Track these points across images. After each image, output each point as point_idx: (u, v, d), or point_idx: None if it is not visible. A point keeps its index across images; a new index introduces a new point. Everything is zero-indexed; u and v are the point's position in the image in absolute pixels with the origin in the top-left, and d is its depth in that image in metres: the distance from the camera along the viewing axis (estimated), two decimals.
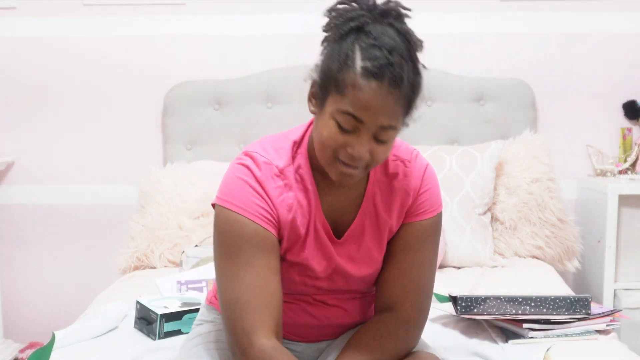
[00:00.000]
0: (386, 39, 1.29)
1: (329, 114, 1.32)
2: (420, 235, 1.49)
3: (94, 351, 1.84)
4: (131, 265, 2.74)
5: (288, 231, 1.44)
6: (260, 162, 1.42)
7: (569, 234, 2.82)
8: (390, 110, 1.29)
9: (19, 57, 3.12)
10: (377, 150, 1.33)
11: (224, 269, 1.40)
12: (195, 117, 3.05)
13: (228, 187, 1.42)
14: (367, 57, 1.27)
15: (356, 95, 1.27)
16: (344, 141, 1.31)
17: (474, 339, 1.87)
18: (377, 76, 1.26)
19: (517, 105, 3.04)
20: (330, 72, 1.31)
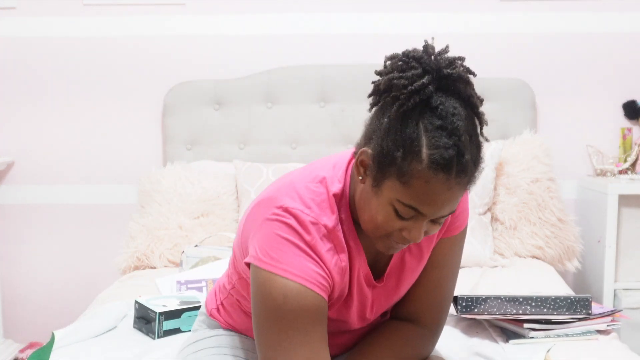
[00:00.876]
0: (455, 120, 1.17)
1: (386, 199, 1.21)
2: (450, 248, 1.44)
3: (94, 351, 1.84)
4: (131, 265, 2.73)
5: (339, 290, 1.34)
6: (306, 222, 1.26)
7: (569, 234, 2.82)
8: (455, 200, 1.20)
9: (19, 57, 3.12)
10: (432, 229, 1.26)
11: (274, 340, 1.25)
12: (195, 117, 3.05)
13: (274, 250, 1.25)
14: (435, 145, 1.15)
15: (422, 188, 1.17)
16: (400, 226, 1.23)
17: (475, 338, 1.87)
18: (446, 168, 1.15)
19: (517, 105, 3.04)
20: (391, 157, 1.18)
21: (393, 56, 1.26)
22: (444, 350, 1.74)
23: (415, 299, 1.44)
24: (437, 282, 1.43)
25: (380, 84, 1.24)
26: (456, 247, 1.45)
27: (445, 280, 1.45)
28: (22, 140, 3.16)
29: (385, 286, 1.41)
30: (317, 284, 1.25)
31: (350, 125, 2.95)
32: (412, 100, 1.18)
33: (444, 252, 1.43)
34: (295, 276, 1.24)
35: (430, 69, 1.20)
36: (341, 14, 3.07)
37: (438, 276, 1.43)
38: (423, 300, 1.44)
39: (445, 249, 1.43)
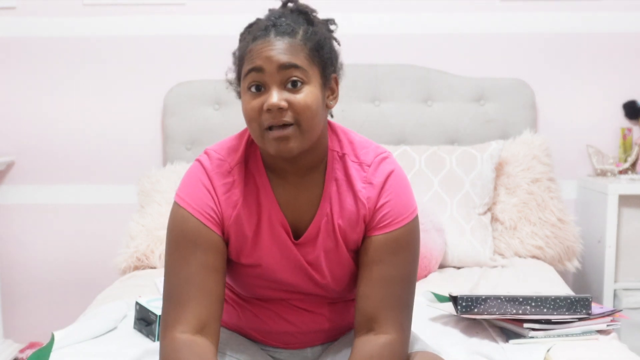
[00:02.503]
0: (273, 13, 1.40)
1: (243, 90, 1.37)
2: (389, 248, 1.41)
3: (94, 352, 1.84)
4: (131, 265, 2.73)
5: (235, 229, 1.42)
6: (213, 158, 1.44)
7: (569, 234, 2.82)
8: (285, 50, 1.33)
9: (19, 57, 3.12)
10: (294, 98, 1.33)
11: (166, 261, 1.42)
12: (195, 117, 3.05)
13: (183, 182, 1.44)
14: (255, 27, 1.38)
15: (251, 54, 1.34)
16: (259, 103, 1.34)
17: (474, 338, 1.87)
18: (263, 34, 1.35)
19: (517, 105, 3.04)
20: (234, 63, 1.41)
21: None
22: (444, 350, 1.74)
23: (367, 299, 1.41)
24: (385, 281, 1.40)
25: None
26: (401, 247, 1.41)
27: (394, 280, 1.40)
28: (22, 140, 3.16)
29: (304, 249, 1.44)
30: (203, 214, 1.39)
31: (350, 126, 2.94)
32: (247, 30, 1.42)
33: (384, 250, 1.41)
34: (185, 203, 1.41)
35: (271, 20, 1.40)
36: (341, 14, 3.04)
37: (384, 274, 1.40)
38: (376, 301, 1.40)
39: (382, 247, 1.41)
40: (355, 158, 1.44)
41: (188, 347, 1.33)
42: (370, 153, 1.44)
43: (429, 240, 2.53)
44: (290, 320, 1.52)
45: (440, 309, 2.01)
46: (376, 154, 1.44)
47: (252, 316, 1.54)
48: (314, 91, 1.34)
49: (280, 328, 1.53)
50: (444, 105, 3.05)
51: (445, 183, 2.74)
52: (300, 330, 1.53)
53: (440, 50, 3.11)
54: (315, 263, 1.45)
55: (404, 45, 3.11)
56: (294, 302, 1.50)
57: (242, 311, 1.56)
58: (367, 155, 1.44)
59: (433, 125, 3.04)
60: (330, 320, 1.54)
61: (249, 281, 1.48)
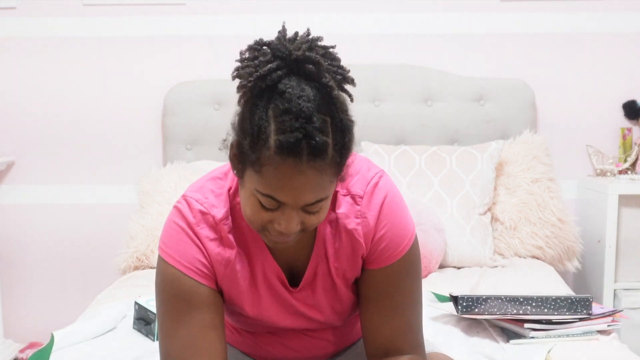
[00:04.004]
0: (302, 101, 1.12)
1: (249, 191, 1.19)
2: (391, 279, 1.33)
3: (93, 352, 1.84)
4: (131, 265, 2.73)
5: (228, 286, 1.33)
6: (196, 210, 1.30)
7: (569, 234, 2.82)
8: (315, 185, 1.14)
9: (19, 57, 3.12)
10: (310, 219, 1.20)
11: (161, 322, 1.32)
12: (195, 117, 3.05)
13: (166, 235, 1.31)
14: (281, 130, 1.11)
15: (273, 175, 1.13)
16: (269, 218, 1.19)
17: (475, 338, 1.87)
18: (294, 152, 1.11)
19: (517, 105, 3.04)
20: (243, 146, 1.17)
21: (248, 46, 1.22)
22: (444, 350, 1.74)
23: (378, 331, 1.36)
24: (393, 309, 1.34)
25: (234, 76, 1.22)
26: (404, 276, 1.34)
27: (402, 306, 1.34)
28: (22, 140, 3.15)
29: (303, 294, 1.37)
30: (194, 270, 1.29)
31: None
32: (258, 86, 1.16)
33: (387, 282, 1.34)
34: (175, 261, 1.29)
35: (280, 53, 1.16)
36: (340, 14, 3.07)
37: (391, 304, 1.34)
38: (387, 330, 1.35)
39: (385, 279, 1.34)
40: (345, 191, 1.32)
41: None
42: (360, 181, 1.32)
43: (429, 240, 2.53)
44: (292, 347, 1.47)
45: (441, 309, 2.01)
46: (367, 181, 1.32)
47: (252, 343, 1.50)
48: (328, 201, 1.21)
49: (282, 355, 1.48)
50: (444, 105, 3.05)
51: (445, 183, 2.74)
52: (302, 356, 1.47)
53: (440, 50, 3.11)
54: (316, 305, 1.39)
55: (404, 45, 3.11)
56: (297, 330, 1.45)
57: (242, 337, 1.52)
58: (357, 185, 1.32)
59: (433, 125, 3.03)
60: (333, 343, 1.50)
61: (248, 323, 1.43)
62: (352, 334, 1.54)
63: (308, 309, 1.39)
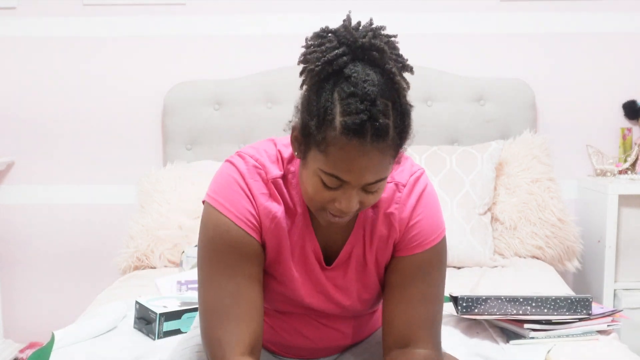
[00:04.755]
0: (368, 85, 1.18)
1: (312, 171, 1.24)
2: (418, 268, 1.38)
3: (94, 351, 1.84)
4: (131, 265, 2.73)
5: (268, 241, 1.36)
6: (249, 164, 1.35)
7: (569, 234, 2.82)
8: (377, 165, 1.20)
9: (19, 57, 3.12)
10: (367, 199, 1.26)
11: (206, 272, 1.34)
12: (195, 117, 3.05)
13: (218, 185, 1.35)
14: (347, 112, 1.17)
15: (338, 155, 1.19)
16: (330, 197, 1.24)
17: (475, 338, 1.87)
18: (359, 133, 1.17)
19: (517, 105, 3.04)
20: (309, 128, 1.22)
21: (314, 33, 1.27)
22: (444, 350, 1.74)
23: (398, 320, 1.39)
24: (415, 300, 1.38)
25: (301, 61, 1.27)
26: (430, 267, 1.38)
27: (424, 299, 1.38)
28: (22, 140, 3.15)
29: (333, 274, 1.41)
30: (245, 222, 1.32)
31: None
32: (325, 71, 1.21)
33: (414, 271, 1.38)
34: (227, 211, 1.32)
35: (346, 40, 1.23)
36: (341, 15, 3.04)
37: (414, 294, 1.37)
38: (406, 321, 1.38)
39: (412, 267, 1.38)
40: (390, 179, 1.37)
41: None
42: (405, 172, 1.39)
43: None
44: (307, 336, 1.48)
45: None
46: (411, 172, 1.39)
47: (268, 328, 1.50)
48: (385, 181, 1.27)
49: (296, 343, 1.50)
50: (444, 105, 3.05)
51: (445, 183, 2.74)
52: (316, 346, 1.50)
53: (440, 50, 3.11)
54: (344, 287, 1.42)
55: (404, 45, 3.09)
56: (314, 316, 1.47)
57: None
58: (402, 175, 1.39)
59: (433, 125, 3.03)
60: (345, 336, 1.51)
61: (276, 296, 1.43)
62: (365, 330, 1.56)
63: (335, 291, 1.42)
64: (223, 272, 1.32)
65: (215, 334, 1.30)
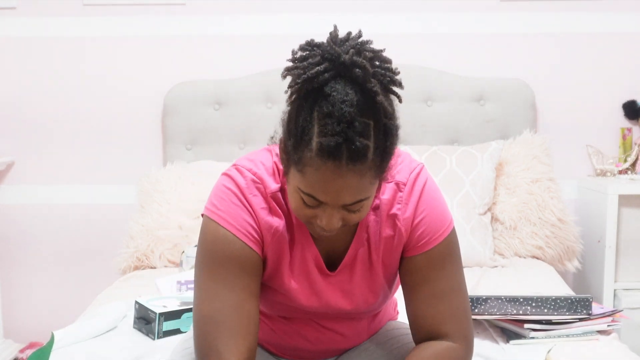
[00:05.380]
0: (345, 106, 1.15)
1: (293, 187, 1.24)
2: (432, 265, 1.36)
3: (94, 351, 1.84)
4: (131, 265, 2.73)
5: (272, 256, 1.36)
6: (247, 178, 1.33)
7: (569, 234, 2.82)
8: (354, 187, 1.18)
9: (19, 57, 3.12)
10: (350, 217, 1.24)
11: (204, 283, 1.32)
12: (195, 117, 3.05)
13: (216, 198, 1.34)
14: (323, 133, 1.15)
15: (314, 176, 1.18)
16: (312, 213, 1.24)
17: (475, 339, 1.87)
18: (334, 155, 1.15)
19: (517, 105, 3.04)
20: (288, 146, 1.21)
21: (300, 46, 1.24)
22: None
23: (423, 319, 1.38)
24: (432, 297, 1.37)
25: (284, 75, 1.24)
26: (444, 261, 1.37)
27: (443, 295, 1.37)
28: (22, 140, 3.15)
29: (338, 279, 1.39)
30: (246, 234, 1.31)
31: None
32: (305, 88, 1.19)
33: (428, 268, 1.37)
34: (227, 223, 1.31)
35: (329, 56, 1.19)
36: (341, 15, 3.07)
37: (434, 290, 1.36)
38: (429, 317, 1.37)
39: (425, 265, 1.37)
40: (390, 178, 1.34)
41: None
42: (404, 170, 1.37)
43: None
44: (308, 338, 1.48)
45: None
46: (410, 170, 1.37)
47: (268, 330, 1.50)
48: (370, 200, 1.25)
49: (296, 344, 1.49)
50: (444, 105, 3.05)
51: (445, 183, 2.74)
52: (316, 348, 1.49)
53: (440, 50, 3.11)
54: (350, 291, 1.41)
55: (404, 45, 3.11)
56: (315, 319, 1.46)
57: (261, 324, 1.51)
58: (401, 173, 1.36)
59: (433, 125, 3.03)
60: (349, 339, 1.51)
61: (271, 304, 1.43)
62: (365, 333, 1.54)
63: (340, 295, 1.41)
64: (222, 284, 1.30)
65: (211, 344, 1.29)
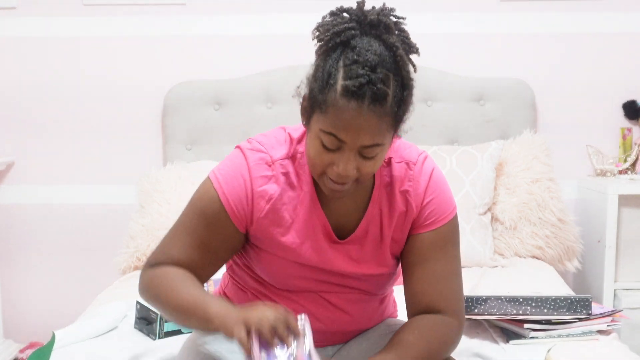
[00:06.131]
0: (370, 54, 1.27)
1: (314, 133, 1.32)
2: (435, 245, 1.46)
3: (94, 351, 1.84)
4: (131, 265, 2.73)
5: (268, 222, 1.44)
6: (255, 149, 1.44)
7: (569, 234, 2.82)
8: (373, 128, 1.28)
9: (19, 57, 3.12)
10: (364, 166, 1.32)
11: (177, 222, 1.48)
12: (195, 117, 3.05)
13: (223, 165, 1.47)
14: (348, 76, 1.26)
15: (337, 115, 1.27)
16: (329, 159, 1.32)
17: (475, 339, 1.87)
18: (357, 95, 1.25)
19: (517, 105, 3.04)
20: (314, 91, 1.31)
21: (330, 11, 1.39)
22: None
23: (420, 297, 1.46)
24: (434, 276, 1.45)
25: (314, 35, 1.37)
26: (446, 243, 1.47)
27: (443, 277, 1.46)
28: (22, 140, 3.15)
29: (347, 247, 1.46)
30: (230, 203, 1.42)
31: None
32: (333, 41, 1.31)
33: (431, 247, 1.46)
34: (219, 186, 1.43)
35: (357, 17, 1.32)
36: None
37: (434, 271, 1.45)
38: (428, 295, 1.45)
39: (429, 244, 1.46)
40: (399, 158, 1.46)
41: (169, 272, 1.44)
42: (413, 152, 1.48)
43: None
44: (318, 317, 1.50)
45: None
46: (418, 152, 1.48)
47: None
48: (384, 151, 1.34)
49: None
50: (444, 105, 3.05)
51: None
52: (327, 328, 1.52)
53: (440, 50, 3.10)
54: (360, 259, 1.48)
55: None
56: (325, 295, 1.50)
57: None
58: (411, 154, 1.47)
59: (433, 125, 3.04)
60: (355, 321, 1.55)
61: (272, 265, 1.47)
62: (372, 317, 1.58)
63: (344, 261, 1.47)
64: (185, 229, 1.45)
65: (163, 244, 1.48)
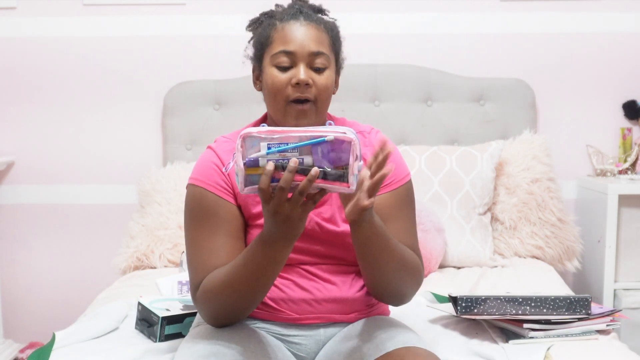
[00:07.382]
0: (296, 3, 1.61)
1: (268, 65, 1.56)
2: (394, 204, 1.60)
3: (94, 352, 1.84)
4: (131, 265, 2.73)
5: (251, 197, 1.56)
6: (220, 141, 1.62)
7: (569, 234, 2.82)
8: (314, 37, 1.55)
9: (19, 57, 3.12)
10: (318, 79, 1.55)
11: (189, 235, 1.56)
12: (195, 117, 3.05)
13: (194, 168, 1.61)
14: (283, 13, 1.57)
15: (281, 36, 1.54)
16: (287, 78, 1.54)
17: (474, 339, 1.87)
18: (293, 16, 1.55)
19: (517, 105, 3.04)
20: (259, 41, 1.58)
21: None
22: (444, 351, 1.74)
23: None
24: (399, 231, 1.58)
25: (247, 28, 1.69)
26: (402, 204, 1.62)
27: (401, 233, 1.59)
28: (22, 140, 3.16)
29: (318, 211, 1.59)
30: (215, 187, 1.56)
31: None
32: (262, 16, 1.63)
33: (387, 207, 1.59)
34: (200, 182, 1.57)
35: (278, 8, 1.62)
36: (341, 14, 3.05)
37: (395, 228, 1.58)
38: None
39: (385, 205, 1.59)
40: (354, 129, 1.63)
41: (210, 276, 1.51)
42: (366, 126, 1.69)
43: (429, 240, 2.53)
44: (304, 288, 1.60)
45: (440, 309, 2.01)
46: (370, 126, 1.69)
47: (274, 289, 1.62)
48: (331, 75, 1.58)
49: (295, 295, 1.60)
50: (444, 105, 3.05)
51: (445, 183, 2.74)
52: (315, 296, 1.60)
53: (440, 50, 3.11)
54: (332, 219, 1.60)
55: (404, 45, 3.11)
56: (307, 267, 1.61)
57: None
58: (364, 127, 1.68)
59: (433, 125, 3.04)
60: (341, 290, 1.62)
61: None
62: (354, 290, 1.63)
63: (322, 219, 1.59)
64: (202, 232, 1.54)
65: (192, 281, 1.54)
